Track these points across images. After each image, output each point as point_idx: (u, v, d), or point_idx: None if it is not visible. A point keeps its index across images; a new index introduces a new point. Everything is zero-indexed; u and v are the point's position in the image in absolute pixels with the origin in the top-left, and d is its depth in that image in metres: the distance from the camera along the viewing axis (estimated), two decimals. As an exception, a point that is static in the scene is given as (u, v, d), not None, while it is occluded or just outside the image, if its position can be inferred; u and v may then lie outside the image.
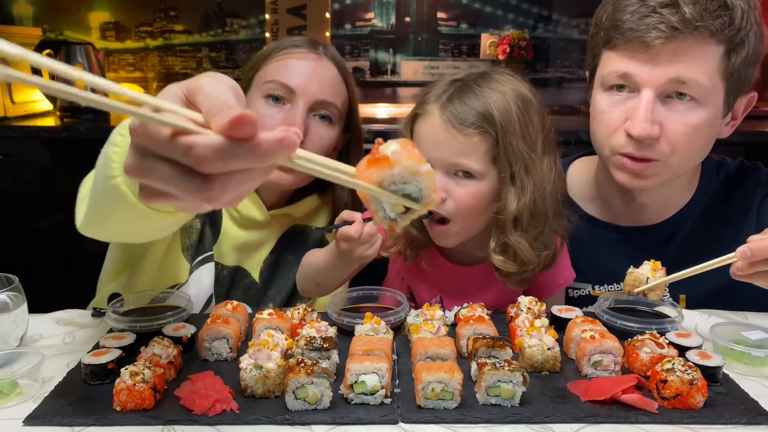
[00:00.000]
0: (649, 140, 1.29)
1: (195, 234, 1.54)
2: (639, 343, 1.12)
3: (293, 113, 1.47)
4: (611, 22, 1.32)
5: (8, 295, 1.18)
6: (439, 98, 1.34)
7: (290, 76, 1.49)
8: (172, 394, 1.01)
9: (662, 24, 1.23)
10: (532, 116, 1.34)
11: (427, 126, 1.34)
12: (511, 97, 1.32)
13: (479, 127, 1.29)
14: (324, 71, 1.53)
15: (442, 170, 1.32)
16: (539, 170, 1.33)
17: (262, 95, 1.50)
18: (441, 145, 1.31)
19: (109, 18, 3.88)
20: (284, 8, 3.55)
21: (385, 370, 1.00)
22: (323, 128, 1.52)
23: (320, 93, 1.50)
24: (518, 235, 1.34)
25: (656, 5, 1.25)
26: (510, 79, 1.37)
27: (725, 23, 1.24)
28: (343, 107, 1.57)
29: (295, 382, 0.97)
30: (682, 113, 1.29)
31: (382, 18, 3.87)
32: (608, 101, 1.37)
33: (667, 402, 0.99)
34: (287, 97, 1.48)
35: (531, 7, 3.80)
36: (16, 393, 1.02)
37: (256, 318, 1.22)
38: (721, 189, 1.52)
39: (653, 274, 1.25)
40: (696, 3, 1.23)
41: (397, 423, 0.96)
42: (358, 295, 1.41)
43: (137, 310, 1.33)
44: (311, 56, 1.53)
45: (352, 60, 3.91)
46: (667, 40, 1.24)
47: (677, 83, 1.27)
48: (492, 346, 1.08)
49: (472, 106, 1.30)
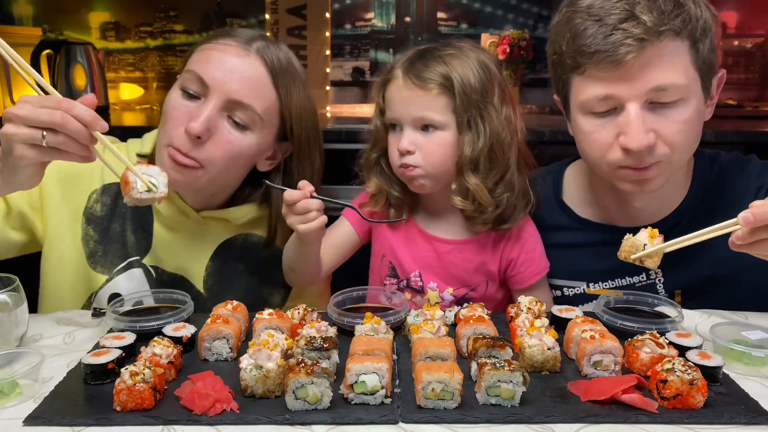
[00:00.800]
0: (648, 148, 1.30)
1: (91, 242, 1.51)
2: (639, 343, 1.12)
3: (201, 109, 1.37)
4: (574, 48, 1.31)
5: (8, 295, 1.18)
6: (403, 63, 1.48)
7: (207, 68, 1.39)
8: (172, 394, 1.01)
9: (628, 39, 1.24)
10: (488, 73, 1.46)
11: (394, 88, 1.48)
12: (468, 55, 1.46)
13: (438, 82, 1.42)
14: (247, 69, 1.40)
15: (410, 126, 1.46)
16: (495, 119, 1.45)
17: (179, 86, 1.42)
18: (406, 102, 1.45)
19: (109, 18, 3.87)
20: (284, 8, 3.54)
21: (385, 370, 1.00)
22: (234, 133, 1.41)
23: (236, 92, 1.38)
24: (477, 179, 1.45)
25: (615, 22, 1.25)
26: (469, 46, 1.51)
27: (685, 20, 1.26)
28: (268, 113, 1.43)
29: (295, 382, 0.97)
30: (671, 115, 1.30)
31: (382, 18, 3.87)
32: (594, 123, 1.36)
33: (667, 402, 0.99)
34: (201, 92, 1.39)
35: (531, 7, 3.80)
36: (16, 393, 1.02)
37: (256, 318, 1.22)
38: (716, 182, 1.52)
39: (650, 240, 1.22)
40: (652, 10, 1.25)
41: (397, 423, 0.96)
42: (358, 295, 1.41)
43: (137, 310, 1.33)
44: (237, 51, 1.41)
45: (351, 60, 3.91)
46: (637, 53, 1.24)
47: (658, 92, 1.28)
48: (492, 346, 1.08)
49: (430, 64, 1.44)
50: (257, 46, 1.43)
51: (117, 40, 3.90)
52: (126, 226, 1.54)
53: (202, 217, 1.54)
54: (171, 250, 1.55)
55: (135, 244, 1.54)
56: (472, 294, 1.56)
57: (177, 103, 1.41)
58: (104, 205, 1.53)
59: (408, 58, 1.48)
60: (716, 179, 1.52)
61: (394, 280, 1.60)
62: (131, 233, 1.54)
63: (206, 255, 1.58)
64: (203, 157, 1.39)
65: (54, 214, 1.49)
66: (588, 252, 1.57)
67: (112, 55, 3.90)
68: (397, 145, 1.47)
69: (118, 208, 1.54)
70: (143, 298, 1.39)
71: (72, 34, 3.86)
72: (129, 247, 1.54)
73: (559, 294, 1.62)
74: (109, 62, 3.90)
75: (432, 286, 1.56)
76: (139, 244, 1.54)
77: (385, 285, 1.60)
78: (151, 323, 1.21)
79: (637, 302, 1.37)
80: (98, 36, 3.88)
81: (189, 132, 1.35)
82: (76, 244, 1.52)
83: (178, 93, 1.42)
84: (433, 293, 1.56)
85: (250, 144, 1.44)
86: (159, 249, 1.54)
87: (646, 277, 1.53)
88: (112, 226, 1.54)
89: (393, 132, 1.51)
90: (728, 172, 1.52)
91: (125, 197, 1.15)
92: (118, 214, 1.54)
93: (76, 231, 1.52)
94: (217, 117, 1.39)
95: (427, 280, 1.57)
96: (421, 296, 1.57)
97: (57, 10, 3.84)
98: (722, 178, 1.52)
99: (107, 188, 1.54)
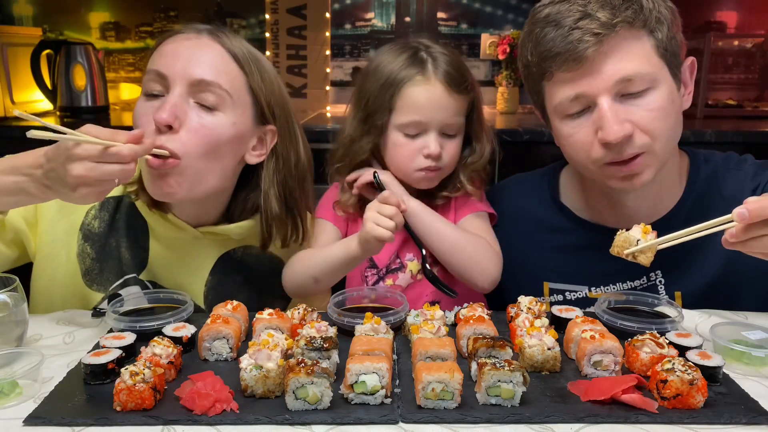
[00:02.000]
0: (626, 139, 1.32)
1: (88, 259, 1.49)
2: (639, 343, 1.12)
3: (165, 100, 1.32)
4: (538, 56, 1.36)
5: (8, 295, 1.18)
6: (434, 68, 1.50)
7: (163, 62, 1.35)
8: (172, 394, 1.01)
9: (586, 35, 1.29)
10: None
11: (427, 93, 1.49)
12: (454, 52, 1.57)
13: (468, 88, 1.53)
14: (203, 49, 1.36)
15: (437, 130, 1.51)
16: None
17: (143, 93, 1.38)
18: (444, 108, 1.50)
19: (109, 18, 3.88)
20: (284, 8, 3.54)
21: (385, 370, 1.00)
22: (205, 116, 1.34)
23: (196, 72, 1.33)
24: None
25: (571, 23, 1.31)
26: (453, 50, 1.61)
27: (636, 11, 1.30)
28: (236, 89, 1.37)
29: (295, 382, 0.97)
30: (643, 103, 1.32)
31: (382, 18, 3.87)
32: (571, 125, 1.39)
33: (667, 402, 0.99)
34: (163, 87, 1.34)
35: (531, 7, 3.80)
36: (16, 393, 1.02)
37: (256, 318, 1.22)
38: (711, 182, 1.52)
39: (644, 236, 1.21)
40: (604, 6, 1.30)
41: (397, 423, 0.96)
42: (357, 295, 1.41)
43: (137, 310, 1.33)
44: (189, 37, 1.38)
45: (352, 60, 3.91)
46: (596, 47, 1.29)
47: (624, 82, 1.30)
48: (492, 346, 1.08)
49: (458, 70, 1.51)
50: (208, 30, 1.40)
51: (117, 40, 3.90)
52: (121, 241, 1.50)
53: (200, 233, 1.50)
54: (168, 267, 1.52)
55: (131, 260, 1.50)
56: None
57: (141, 108, 1.37)
58: (102, 220, 1.50)
59: (434, 63, 1.50)
60: (711, 179, 1.52)
61: (374, 271, 1.61)
62: (126, 249, 1.50)
63: (205, 270, 1.55)
64: (178, 147, 1.31)
65: (48, 231, 1.47)
66: (588, 255, 1.56)
67: (112, 55, 3.90)
68: (416, 149, 1.50)
69: (115, 223, 1.51)
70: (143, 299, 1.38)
71: (72, 34, 3.86)
72: (124, 263, 1.50)
73: (561, 298, 1.61)
74: (109, 62, 3.90)
75: (409, 257, 1.59)
76: (135, 260, 1.50)
77: (366, 278, 1.61)
78: (151, 323, 1.21)
79: (637, 302, 1.37)
80: (98, 36, 3.88)
81: (157, 122, 1.29)
82: (71, 261, 1.48)
83: (142, 99, 1.38)
84: (411, 263, 1.59)
85: (224, 125, 1.36)
86: (155, 265, 1.51)
87: (647, 280, 1.53)
88: (109, 241, 1.50)
89: (406, 136, 1.51)
90: (723, 172, 1.52)
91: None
92: (115, 229, 1.51)
93: (71, 247, 1.48)
94: (183, 103, 1.32)
95: (403, 256, 1.60)
96: (402, 272, 1.58)
97: (57, 10, 3.84)
98: (717, 178, 1.52)
99: (105, 204, 1.51)
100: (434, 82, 1.48)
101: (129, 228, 1.51)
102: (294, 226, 1.54)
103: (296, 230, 1.55)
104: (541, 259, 1.63)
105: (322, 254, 1.48)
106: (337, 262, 1.45)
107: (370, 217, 1.36)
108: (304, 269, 1.49)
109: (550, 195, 1.64)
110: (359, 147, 1.56)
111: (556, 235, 1.61)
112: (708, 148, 1.64)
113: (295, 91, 3.58)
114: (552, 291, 1.61)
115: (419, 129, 1.50)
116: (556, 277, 1.60)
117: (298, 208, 1.54)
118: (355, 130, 1.56)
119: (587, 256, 1.56)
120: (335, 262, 1.45)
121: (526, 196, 1.68)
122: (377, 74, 1.52)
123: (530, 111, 3.70)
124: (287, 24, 3.56)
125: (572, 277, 1.59)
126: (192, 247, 1.52)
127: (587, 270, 1.57)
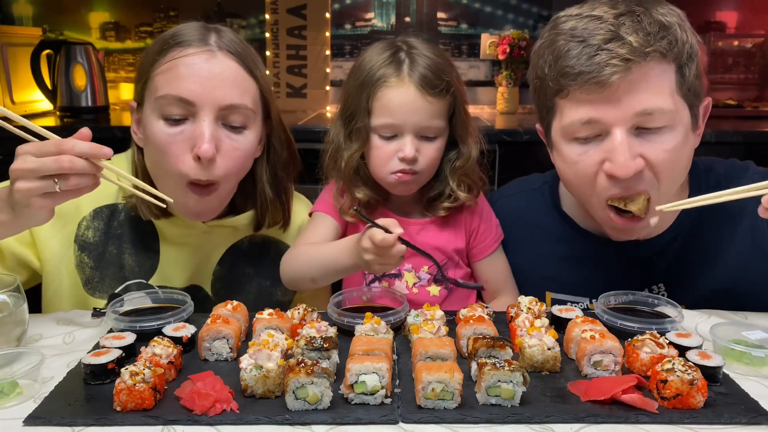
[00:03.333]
0: (637, 175, 1.26)
1: (87, 269, 1.50)
2: (639, 343, 1.12)
3: (198, 128, 1.31)
4: (558, 70, 1.27)
5: (8, 295, 1.18)
6: (409, 70, 1.44)
7: (183, 86, 1.31)
8: (172, 394, 1.01)
9: (614, 59, 1.20)
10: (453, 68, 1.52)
11: (401, 96, 1.44)
12: (442, 54, 1.51)
13: (447, 90, 1.45)
14: (222, 69, 1.34)
15: (413, 133, 1.45)
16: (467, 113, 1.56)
17: (159, 115, 1.34)
18: (419, 111, 1.44)
19: (109, 18, 3.88)
20: (284, 8, 3.54)
21: (385, 370, 1.00)
22: (235, 138, 1.37)
23: (225, 97, 1.33)
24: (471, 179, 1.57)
25: (600, 43, 1.22)
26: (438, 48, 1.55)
27: (671, 42, 1.23)
28: (255, 102, 1.40)
29: (295, 382, 0.97)
30: (658, 141, 1.26)
31: (382, 18, 3.87)
32: (578, 150, 1.32)
33: (668, 402, 0.99)
34: (186, 112, 1.32)
35: (531, 7, 3.80)
36: (16, 393, 1.02)
37: (256, 318, 1.22)
38: (713, 192, 1.50)
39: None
40: (638, 31, 1.21)
41: (397, 423, 0.96)
42: (357, 294, 1.41)
43: (137, 310, 1.33)
44: (203, 54, 1.33)
45: (352, 60, 3.91)
46: (623, 74, 1.20)
47: (644, 116, 1.24)
48: (492, 346, 1.08)
49: (436, 72, 1.45)
50: (215, 41, 1.36)
51: (117, 40, 3.90)
52: (123, 248, 1.51)
53: (208, 227, 1.52)
54: (179, 265, 1.54)
55: (136, 266, 1.51)
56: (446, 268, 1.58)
57: (165, 133, 1.34)
58: (97, 230, 1.51)
59: (411, 65, 1.44)
60: (713, 189, 1.50)
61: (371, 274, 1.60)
62: (130, 256, 1.51)
63: (214, 261, 1.58)
64: (219, 174, 1.35)
65: (46, 247, 1.47)
66: (590, 266, 1.55)
67: (112, 55, 3.90)
68: (391, 152, 1.46)
69: (112, 231, 1.52)
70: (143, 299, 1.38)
71: (72, 34, 3.86)
72: (127, 269, 1.51)
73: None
74: (109, 62, 3.90)
75: (407, 267, 1.58)
76: (142, 265, 1.52)
77: (365, 274, 1.60)
78: (151, 323, 1.21)
79: (637, 302, 1.36)
80: (98, 36, 3.88)
81: (203, 157, 1.31)
82: (71, 272, 1.50)
83: (160, 123, 1.34)
84: (409, 274, 1.58)
85: (251, 141, 1.41)
86: (166, 267, 1.53)
87: (649, 292, 1.51)
88: (108, 249, 1.51)
89: (381, 138, 1.47)
90: (726, 182, 1.47)
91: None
92: (114, 236, 1.52)
93: (69, 259, 1.49)
94: (217, 129, 1.34)
95: (402, 264, 1.55)
96: (399, 280, 1.58)
97: (57, 10, 3.84)
98: (720, 187, 1.50)
99: (98, 212, 1.51)
100: (408, 84, 1.43)
101: (133, 234, 1.52)
102: (283, 210, 1.59)
103: (284, 213, 1.59)
104: (543, 268, 1.61)
105: (326, 256, 1.43)
106: (341, 269, 1.42)
107: (373, 261, 1.29)
108: (303, 268, 1.47)
109: (552, 203, 1.62)
110: (349, 158, 1.50)
111: (558, 245, 1.59)
112: (708, 148, 1.63)
113: (295, 91, 3.58)
114: (554, 301, 1.60)
115: (394, 131, 1.46)
116: (557, 288, 1.59)
117: (285, 193, 1.58)
118: (338, 133, 1.53)
119: (589, 267, 1.55)
120: (338, 268, 1.42)
121: (529, 205, 1.65)
122: (358, 72, 1.50)
123: (530, 111, 3.70)
124: (287, 24, 3.56)
125: (574, 288, 1.57)
126: (201, 242, 1.55)
127: (589, 281, 1.54)
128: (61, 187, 1.09)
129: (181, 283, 1.53)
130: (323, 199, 1.61)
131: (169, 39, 1.36)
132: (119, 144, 1.54)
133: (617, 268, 1.47)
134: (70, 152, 1.08)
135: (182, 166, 1.34)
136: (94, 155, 1.10)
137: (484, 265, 1.63)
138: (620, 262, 1.51)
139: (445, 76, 1.46)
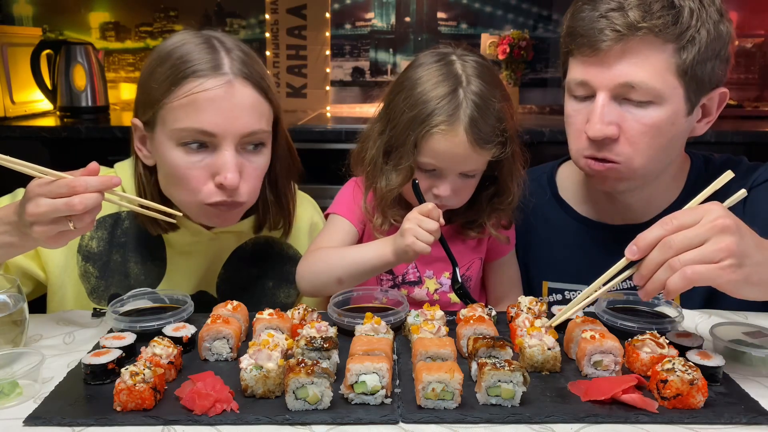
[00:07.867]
0: (607, 141, 1.32)
1: (92, 278, 1.51)
2: (639, 343, 1.12)
3: (221, 158, 1.33)
4: (568, 29, 1.38)
5: (8, 295, 1.18)
6: (463, 119, 1.36)
7: (204, 118, 1.31)
8: (172, 394, 1.01)
9: (609, 28, 1.28)
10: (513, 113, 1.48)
11: (452, 146, 1.37)
12: (496, 95, 1.41)
13: (498, 142, 1.41)
14: (241, 98, 1.33)
15: (454, 174, 1.43)
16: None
17: (177, 143, 1.34)
18: (467, 161, 1.41)
19: (109, 18, 3.88)
20: (284, 8, 3.55)
21: (385, 370, 1.00)
22: (255, 159, 1.40)
23: (246, 126, 1.34)
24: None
25: (604, 11, 1.29)
26: (494, 73, 1.48)
27: (668, 22, 1.26)
28: (270, 122, 1.42)
29: (295, 382, 0.97)
30: (637, 114, 1.31)
31: (382, 18, 3.87)
32: (574, 107, 1.41)
33: (668, 402, 0.99)
34: (206, 141, 1.33)
35: (531, 7, 3.80)
36: (16, 393, 1.02)
37: (256, 318, 1.22)
38: (707, 183, 1.51)
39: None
40: (640, 5, 1.27)
41: (398, 423, 0.96)
42: (357, 295, 1.41)
43: (137, 310, 1.33)
44: (222, 87, 1.31)
45: (352, 60, 3.91)
46: (613, 43, 1.27)
47: (627, 87, 1.29)
48: (492, 346, 1.08)
49: (492, 124, 1.39)
50: (228, 67, 1.34)
51: (117, 40, 3.90)
52: (128, 257, 1.52)
53: (214, 233, 1.53)
54: (187, 273, 1.55)
55: (142, 274, 1.52)
56: (468, 274, 1.58)
57: (184, 161, 1.34)
58: (101, 239, 1.52)
59: (468, 112, 1.36)
60: (709, 180, 1.52)
61: (389, 277, 1.59)
62: (135, 264, 1.52)
63: (219, 265, 1.58)
64: (242, 196, 1.38)
65: (50, 259, 1.48)
66: (588, 253, 1.56)
67: (112, 55, 3.90)
68: (427, 186, 1.44)
69: (116, 239, 1.52)
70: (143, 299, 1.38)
71: (72, 34, 3.86)
72: (132, 278, 1.52)
73: (560, 298, 1.61)
74: (109, 62, 3.90)
75: (428, 274, 1.57)
76: (149, 274, 1.52)
77: (381, 281, 1.59)
78: (151, 323, 1.21)
79: (637, 302, 1.36)
80: (98, 36, 3.88)
81: (229, 186, 1.33)
82: (75, 282, 1.51)
83: (180, 152, 1.34)
84: (430, 281, 1.57)
85: (267, 157, 1.44)
86: (174, 275, 1.54)
87: None
88: (113, 258, 1.52)
89: (420, 170, 1.43)
90: (720, 173, 1.51)
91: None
92: (118, 245, 1.52)
93: (73, 269, 1.50)
94: (239, 155, 1.35)
95: (423, 271, 1.58)
96: (419, 287, 1.57)
97: (57, 10, 3.84)
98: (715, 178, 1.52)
99: (101, 223, 1.51)
100: (461, 136, 1.35)
101: (138, 243, 1.53)
102: (283, 215, 1.59)
103: (285, 217, 1.60)
104: (540, 256, 1.63)
105: (350, 256, 1.42)
106: (368, 266, 1.40)
107: (410, 229, 1.28)
108: (328, 269, 1.43)
109: (550, 190, 1.64)
110: (388, 191, 1.46)
111: (555, 231, 1.61)
112: (708, 148, 1.65)
113: (295, 91, 3.58)
114: (551, 291, 1.61)
115: (435, 169, 1.43)
116: (555, 276, 1.60)
117: (286, 198, 1.59)
118: (378, 155, 1.48)
119: (586, 254, 1.56)
120: (366, 266, 1.40)
121: (530, 194, 1.65)
122: (410, 97, 1.42)
123: (530, 111, 3.70)
124: (287, 24, 3.56)
125: (571, 276, 1.59)
126: (208, 249, 1.56)
127: (586, 268, 1.55)
128: (75, 226, 1.13)
129: (189, 290, 1.54)
130: (341, 201, 1.58)
131: (180, 65, 1.33)
132: (119, 144, 1.55)
133: (616, 255, 1.48)
134: (82, 191, 1.12)
135: (203, 192, 1.36)
136: (106, 188, 1.15)
137: (496, 267, 1.64)
138: (619, 249, 1.52)
139: (503, 128, 1.41)
